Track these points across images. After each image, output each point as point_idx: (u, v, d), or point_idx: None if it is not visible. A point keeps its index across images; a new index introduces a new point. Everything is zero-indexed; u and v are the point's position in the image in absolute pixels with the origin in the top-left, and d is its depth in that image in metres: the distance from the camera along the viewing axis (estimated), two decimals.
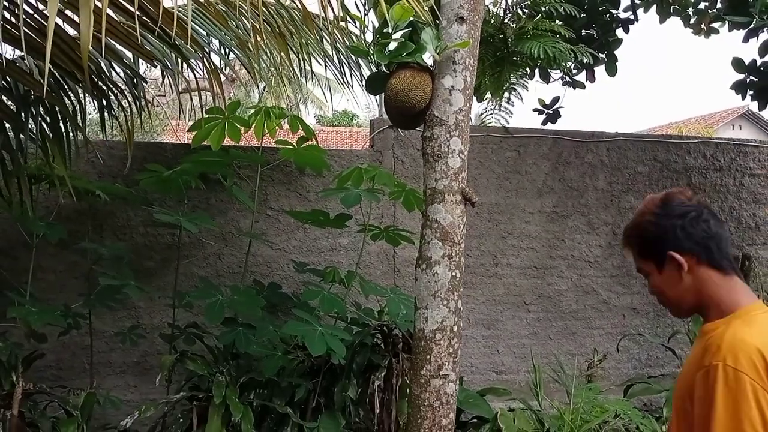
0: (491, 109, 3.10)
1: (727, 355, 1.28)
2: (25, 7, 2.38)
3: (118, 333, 3.48)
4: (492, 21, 3.01)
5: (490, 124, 3.31)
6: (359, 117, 23.58)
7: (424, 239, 2.23)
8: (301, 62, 3.49)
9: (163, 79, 3.29)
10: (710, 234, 1.42)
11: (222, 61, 3.39)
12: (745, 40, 4.17)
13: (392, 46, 2.21)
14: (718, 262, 1.42)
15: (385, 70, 2.32)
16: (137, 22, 2.16)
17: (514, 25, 2.87)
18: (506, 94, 3.09)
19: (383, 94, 2.27)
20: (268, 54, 3.29)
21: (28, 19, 2.27)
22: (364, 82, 3.18)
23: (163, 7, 1.96)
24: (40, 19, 2.40)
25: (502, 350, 4.43)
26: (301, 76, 3.75)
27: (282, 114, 3.41)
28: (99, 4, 1.58)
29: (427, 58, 2.26)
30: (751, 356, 1.27)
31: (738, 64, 4.20)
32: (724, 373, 1.27)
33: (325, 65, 3.55)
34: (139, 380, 3.87)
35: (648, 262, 1.50)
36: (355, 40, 3.36)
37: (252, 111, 3.40)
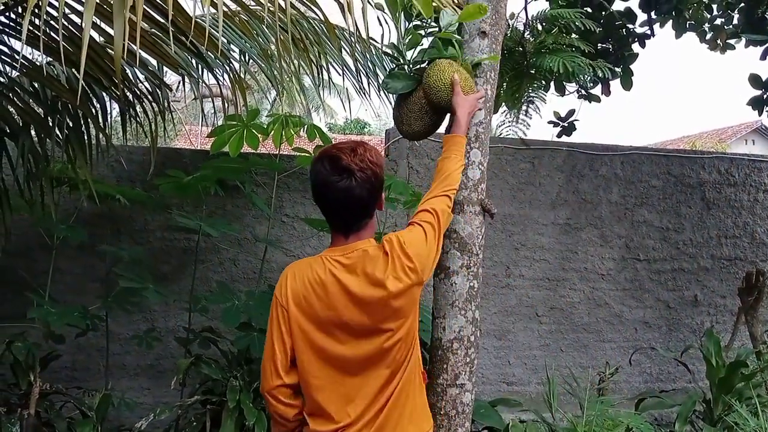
0: (509, 121, 3.13)
1: None
2: (53, 12, 2.44)
3: (134, 336, 3.51)
4: (511, 35, 3.04)
5: (506, 136, 3.33)
6: (371, 126, 23.67)
7: (442, 249, 2.25)
8: (320, 71, 3.53)
9: (183, 85, 3.34)
10: (314, 194, 1.78)
11: (242, 69, 3.44)
12: (763, 57, 4.18)
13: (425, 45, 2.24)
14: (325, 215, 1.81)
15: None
16: (164, 31, 2.21)
17: (533, 39, 2.90)
18: (524, 107, 3.12)
19: (399, 107, 2.29)
20: (288, 63, 3.34)
21: (57, 26, 2.32)
22: (381, 85, 3.21)
23: (195, 20, 2.00)
24: (67, 25, 2.45)
25: (514, 361, 4.43)
26: (318, 85, 3.79)
27: (299, 122, 3.45)
28: (133, 17, 1.62)
29: None
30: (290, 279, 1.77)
31: (755, 80, 4.21)
32: None
33: (343, 74, 3.59)
34: (152, 383, 3.90)
35: None
36: (374, 51, 3.40)
37: (268, 119, 3.44)
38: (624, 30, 4.49)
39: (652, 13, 4.53)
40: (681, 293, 4.68)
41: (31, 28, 2.41)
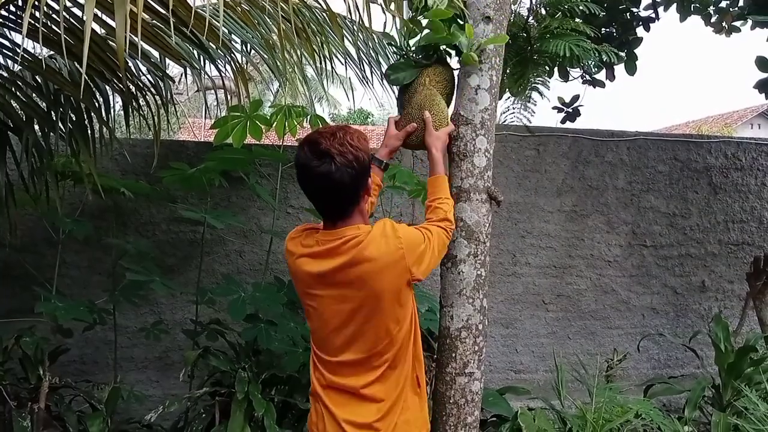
0: (514, 108, 3.10)
1: None
2: (54, 5, 2.42)
3: (141, 329, 3.52)
4: (515, 20, 3.00)
5: (511, 123, 3.30)
6: (374, 115, 23.59)
7: None
8: (323, 61, 3.50)
9: (185, 78, 3.32)
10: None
11: (244, 59, 3.42)
12: None
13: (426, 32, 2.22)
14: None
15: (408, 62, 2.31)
16: (165, 22, 2.19)
17: (538, 24, 2.87)
18: (529, 93, 3.09)
19: (401, 97, 2.27)
20: (290, 53, 3.31)
21: (58, 19, 2.31)
22: (384, 77, 3.19)
23: (195, 10, 1.98)
24: (68, 17, 2.43)
25: (521, 349, 4.43)
26: (321, 74, 3.77)
27: (303, 113, 3.43)
28: (134, 8, 1.60)
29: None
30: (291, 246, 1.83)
31: (762, 62, 4.15)
32: None
33: (346, 64, 3.56)
34: (161, 375, 3.91)
35: None
36: (376, 39, 3.37)
37: (271, 110, 3.42)
38: (628, 14, 4.45)
39: None
40: (688, 279, 4.66)
41: (31, 21, 2.39)
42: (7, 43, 2.61)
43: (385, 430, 1.78)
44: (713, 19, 4.72)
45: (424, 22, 2.23)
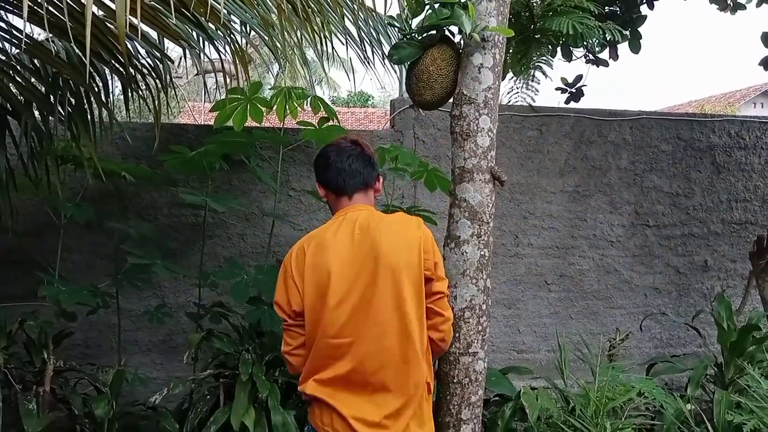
0: (518, 88, 3.07)
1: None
2: None
3: (144, 312, 3.53)
4: None
5: (515, 104, 3.27)
6: (374, 98, 23.47)
7: (452, 218, 2.23)
8: (323, 41, 3.46)
9: (184, 59, 3.28)
10: (321, 169, 2.09)
11: (243, 40, 3.38)
12: None
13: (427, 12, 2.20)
14: (331, 187, 2.07)
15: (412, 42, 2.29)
16: (164, 2, 2.16)
17: (541, 1, 2.83)
18: (532, 72, 3.06)
19: (409, 77, 2.25)
20: (289, 34, 3.27)
21: (56, 1, 2.28)
22: (386, 58, 3.16)
23: None
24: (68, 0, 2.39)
25: (523, 329, 4.44)
26: (321, 56, 3.73)
27: (303, 95, 3.40)
28: None
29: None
30: (293, 250, 1.99)
31: (767, 39, 4.11)
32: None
33: (347, 44, 3.52)
34: (164, 358, 3.93)
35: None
36: (377, 18, 3.33)
37: (270, 92, 3.39)
38: None
39: None
40: (691, 258, 4.66)
41: (30, 4, 2.36)
42: (3, 25, 2.58)
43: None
44: None
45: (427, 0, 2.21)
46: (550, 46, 3.60)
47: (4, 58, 2.70)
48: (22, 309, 3.20)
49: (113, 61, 2.64)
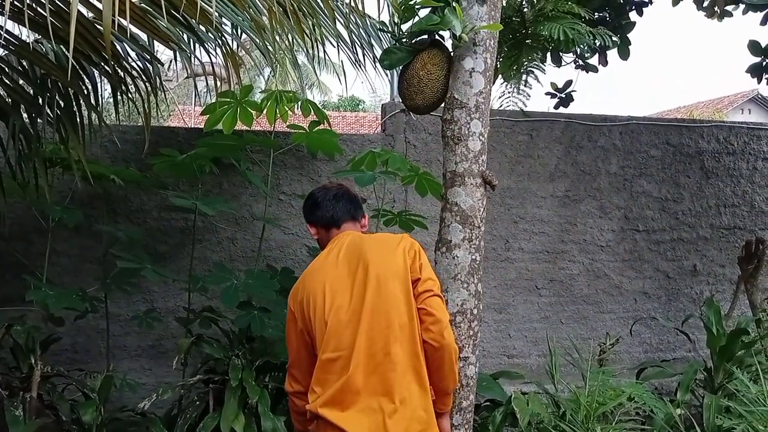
0: (509, 93, 3.08)
1: None
2: None
3: (133, 317, 3.50)
4: (509, 2, 2.98)
5: (507, 108, 3.28)
6: (365, 102, 23.48)
7: (443, 222, 2.23)
8: (314, 44, 3.46)
9: (175, 61, 3.26)
10: (309, 209, 2.24)
11: (234, 42, 3.36)
12: (764, 22, 4.11)
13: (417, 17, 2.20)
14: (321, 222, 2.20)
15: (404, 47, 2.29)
16: (153, 3, 2.15)
17: (532, 6, 2.84)
18: (524, 77, 3.07)
19: (401, 81, 2.25)
20: (280, 37, 3.26)
21: (43, 1, 2.25)
22: (377, 61, 3.16)
23: None
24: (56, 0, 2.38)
25: (514, 334, 4.44)
26: (312, 59, 3.72)
27: (294, 98, 3.39)
28: None
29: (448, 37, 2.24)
30: (293, 288, 2.11)
31: (754, 46, 4.15)
32: None
33: (338, 47, 3.52)
34: (154, 363, 3.90)
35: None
36: (368, 21, 3.33)
37: (261, 95, 3.38)
38: None
39: None
40: (680, 263, 4.68)
41: (17, 3, 2.34)
42: None
43: None
44: (705, 3, 4.69)
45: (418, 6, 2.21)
46: (540, 51, 3.61)
47: None
48: (9, 313, 3.16)
49: (103, 63, 2.62)
